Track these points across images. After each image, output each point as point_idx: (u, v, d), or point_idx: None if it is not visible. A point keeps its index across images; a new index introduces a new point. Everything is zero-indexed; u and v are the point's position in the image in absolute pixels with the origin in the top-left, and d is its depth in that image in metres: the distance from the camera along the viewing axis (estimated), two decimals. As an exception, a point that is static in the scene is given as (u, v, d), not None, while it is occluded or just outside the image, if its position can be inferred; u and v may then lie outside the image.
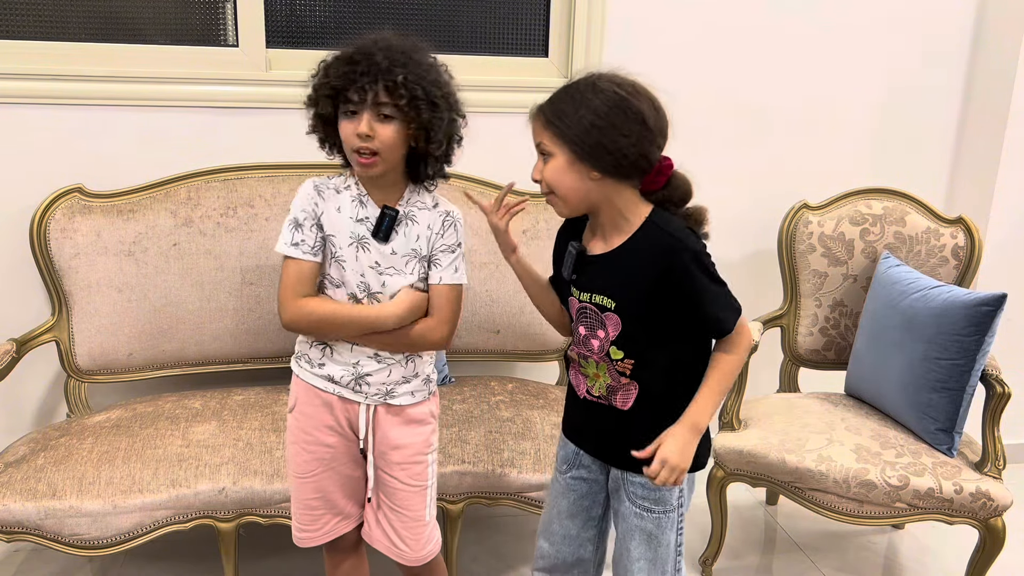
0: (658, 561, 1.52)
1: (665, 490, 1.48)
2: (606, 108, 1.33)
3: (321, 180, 1.57)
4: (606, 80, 1.36)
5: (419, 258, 1.55)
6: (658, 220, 1.41)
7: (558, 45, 2.52)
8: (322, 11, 2.41)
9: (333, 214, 1.53)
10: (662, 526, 1.51)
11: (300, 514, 1.67)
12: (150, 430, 2.00)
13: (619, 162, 1.35)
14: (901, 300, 2.15)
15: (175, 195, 2.21)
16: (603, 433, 1.53)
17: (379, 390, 1.58)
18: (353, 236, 1.53)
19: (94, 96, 2.23)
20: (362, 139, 1.43)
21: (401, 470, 1.62)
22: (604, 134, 1.33)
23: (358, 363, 1.57)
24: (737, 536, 2.46)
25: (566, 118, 1.35)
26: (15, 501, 1.79)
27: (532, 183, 1.46)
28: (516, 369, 2.60)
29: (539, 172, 1.41)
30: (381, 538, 1.67)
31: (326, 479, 1.63)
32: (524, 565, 2.30)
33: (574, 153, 1.35)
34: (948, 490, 1.95)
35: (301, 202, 1.54)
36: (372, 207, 1.53)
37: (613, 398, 1.48)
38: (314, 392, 1.60)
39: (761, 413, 2.24)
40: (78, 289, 2.14)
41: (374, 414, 1.60)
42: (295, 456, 1.63)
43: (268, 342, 2.28)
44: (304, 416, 1.61)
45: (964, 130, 2.73)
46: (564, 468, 1.62)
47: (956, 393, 2.01)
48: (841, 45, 2.60)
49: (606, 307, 1.43)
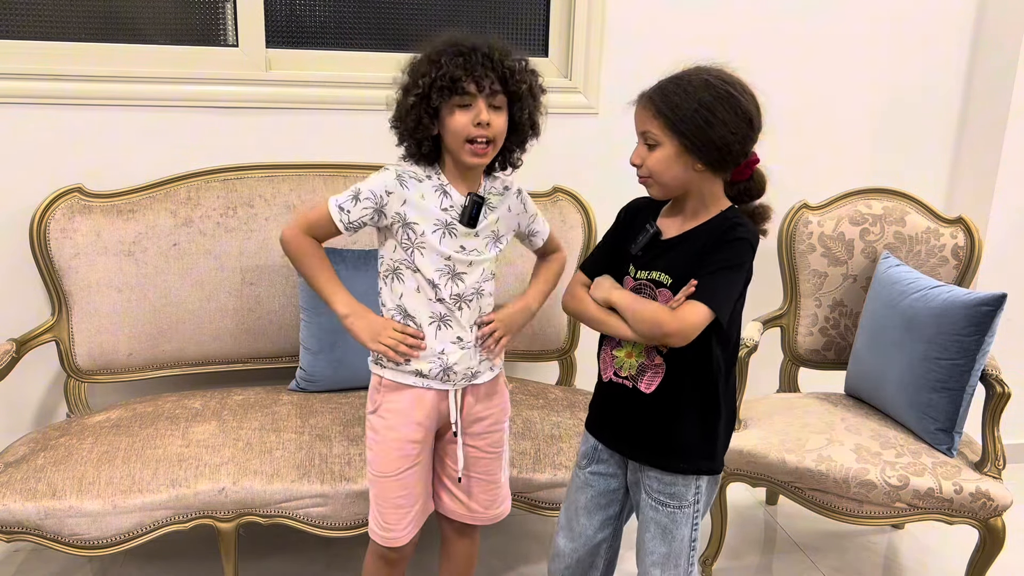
0: (672, 555, 1.53)
1: (681, 485, 1.50)
2: (719, 106, 1.38)
3: (403, 168, 1.57)
4: (715, 76, 1.41)
5: (496, 238, 1.63)
6: (731, 214, 1.46)
7: (558, 45, 2.52)
8: (322, 11, 2.41)
9: (418, 201, 1.55)
10: (676, 521, 1.52)
11: (387, 514, 1.66)
12: (150, 430, 2.00)
13: (724, 157, 1.41)
14: (901, 300, 2.15)
15: (175, 195, 2.21)
16: (622, 420, 1.54)
17: (465, 374, 1.63)
18: (439, 223, 1.55)
19: (94, 96, 2.23)
20: (483, 127, 1.48)
21: (482, 439, 1.69)
22: (715, 130, 1.38)
23: (443, 352, 1.59)
24: (737, 536, 2.46)
25: (679, 111, 1.38)
26: (15, 501, 1.79)
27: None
28: (516, 369, 2.60)
29: (640, 158, 1.45)
30: (453, 505, 1.73)
31: (412, 474, 1.64)
32: (524, 565, 2.30)
33: (683, 145, 1.40)
34: (948, 490, 1.95)
35: (376, 184, 1.55)
36: (456, 195, 1.57)
37: (640, 379, 1.49)
38: (403, 390, 1.61)
39: (761, 413, 2.24)
40: (78, 289, 2.14)
41: (461, 396, 1.64)
42: (382, 456, 1.63)
43: (268, 342, 2.28)
44: (392, 414, 1.62)
45: (964, 130, 2.73)
46: (584, 463, 1.65)
47: (956, 393, 2.01)
48: (841, 45, 2.60)
49: (662, 283, 1.47)
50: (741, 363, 2.19)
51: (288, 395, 2.19)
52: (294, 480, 1.89)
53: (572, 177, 2.45)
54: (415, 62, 1.52)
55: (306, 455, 1.93)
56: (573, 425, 2.11)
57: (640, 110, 1.44)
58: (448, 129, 1.50)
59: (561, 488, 2.00)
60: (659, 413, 1.49)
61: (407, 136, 1.54)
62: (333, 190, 2.27)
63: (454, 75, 1.46)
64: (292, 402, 2.14)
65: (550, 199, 2.41)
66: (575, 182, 2.43)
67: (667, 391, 1.48)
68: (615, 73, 2.48)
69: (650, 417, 1.50)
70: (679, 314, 1.40)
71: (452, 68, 1.46)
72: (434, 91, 1.47)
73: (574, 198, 2.41)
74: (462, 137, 1.49)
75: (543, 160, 2.49)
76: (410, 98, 1.49)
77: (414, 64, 1.52)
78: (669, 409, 1.48)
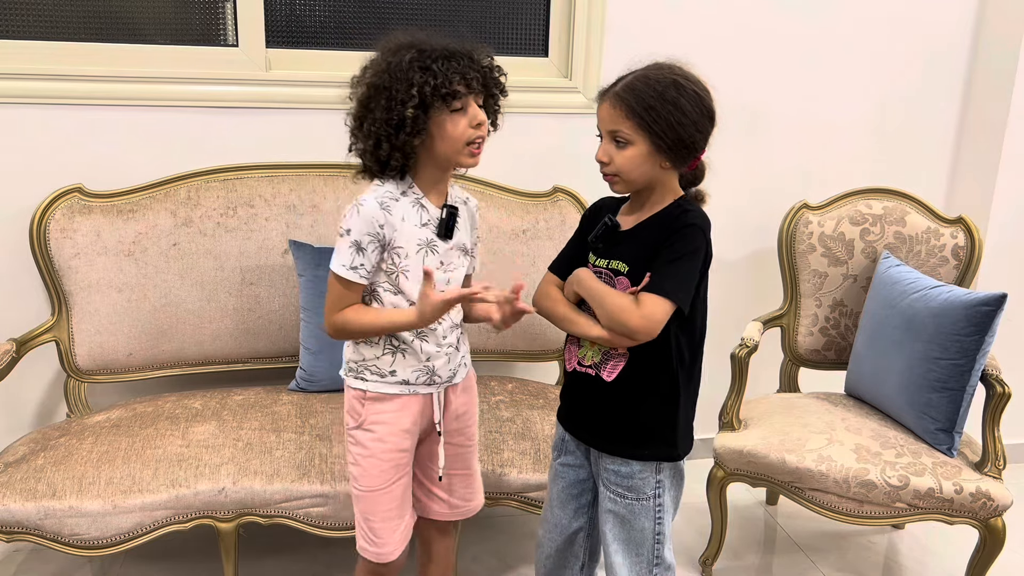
0: (631, 543, 1.56)
1: (638, 478, 1.53)
2: (689, 106, 1.41)
3: (379, 194, 1.50)
4: (681, 75, 1.44)
5: (463, 250, 1.60)
6: (684, 203, 1.50)
7: (558, 45, 2.51)
8: (322, 11, 2.41)
9: (400, 225, 1.50)
10: (635, 512, 1.54)
11: (380, 528, 1.62)
12: (150, 430, 2.00)
13: (689, 154, 1.46)
14: (901, 300, 2.15)
15: (175, 195, 2.21)
16: (584, 409, 1.57)
17: (449, 376, 1.62)
18: (421, 242, 1.52)
19: (94, 96, 2.23)
20: (480, 128, 1.47)
21: (461, 435, 1.70)
22: (685, 130, 1.41)
23: (429, 359, 1.58)
24: (737, 536, 2.46)
25: (653, 112, 1.40)
26: (15, 501, 1.79)
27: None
28: (516, 369, 2.60)
29: (607, 155, 1.46)
30: (436, 505, 1.73)
31: (402, 484, 1.63)
32: (524, 565, 2.30)
33: (655, 145, 1.42)
34: (948, 490, 1.95)
35: (366, 224, 1.47)
36: (432, 208, 1.54)
37: (603, 367, 1.51)
38: (389, 400, 1.58)
39: (761, 413, 2.24)
40: (78, 289, 2.14)
41: (444, 396, 1.64)
42: (372, 469, 1.59)
43: (268, 342, 2.28)
44: (380, 426, 1.58)
45: (964, 130, 2.73)
46: (555, 454, 1.68)
47: (956, 393, 2.01)
48: (841, 45, 2.60)
49: (620, 271, 1.49)
50: (741, 363, 2.19)
51: (288, 395, 2.19)
52: (294, 480, 1.89)
53: (572, 177, 2.45)
54: (391, 69, 1.44)
55: (306, 455, 1.93)
56: (573, 425, 2.11)
57: (608, 108, 1.45)
58: (446, 136, 1.46)
59: (561, 488, 2.01)
60: (619, 400, 1.51)
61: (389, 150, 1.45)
62: (333, 190, 2.29)
63: (452, 80, 1.43)
64: (292, 402, 2.14)
65: (550, 199, 2.41)
66: (575, 182, 2.43)
67: (628, 379, 1.50)
68: (615, 73, 2.46)
69: (610, 405, 1.52)
70: (642, 310, 1.41)
71: (449, 73, 1.42)
72: (436, 99, 1.43)
73: (574, 198, 2.41)
74: (462, 142, 1.47)
75: (543, 160, 2.51)
76: (408, 109, 1.42)
77: (392, 72, 1.43)
78: (629, 396, 1.50)
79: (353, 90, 1.51)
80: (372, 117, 1.46)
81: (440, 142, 1.47)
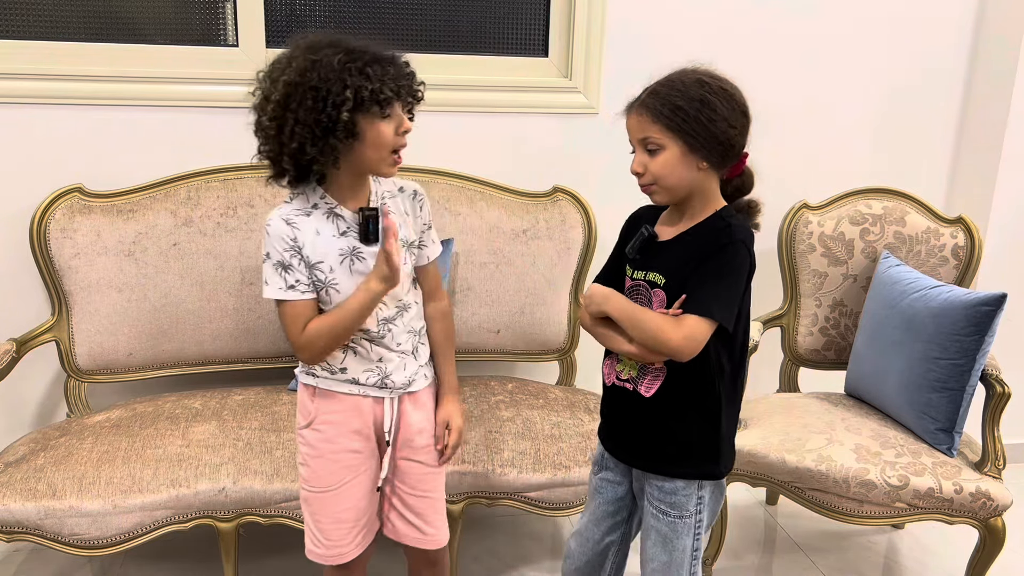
0: (672, 564, 1.53)
1: (682, 495, 1.50)
2: (718, 101, 1.39)
3: (284, 212, 1.47)
4: (706, 74, 1.42)
5: (407, 246, 1.55)
6: (725, 214, 1.46)
7: (558, 45, 2.51)
8: (322, 11, 2.41)
9: (313, 239, 1.47)
10: (677, 530, 1.52)
11: (330, 530, 1.60)
12: (150, 430, 2.00)
13: (726, 152, 1.42)
14: (901, 300, 2.15)
15: (175, 195, 2.21)
16: (624, 426, 1.54)
17: (403, 382, 1.59)
18: (343, 252, 1.49)
19: (94, 96, 2.23)
20: (404, 136, 1.45)
21: (426, 453, 1.65)
22: (717, 126, 1.39)
23: (381, 360, 1.56)
24: (737, 536, 2.46)
25: (680, 111, 1.38)
26: (15, 501, 1.79)
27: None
28: (516, 369, 2.60)
29: (641, 166, 1.43)
30: (408, 531, 1.67)
31: (356, 487, 1.60)
32: (524, 565, 2.30)
33: (687, 145, 1.39)
34: (948, 490, 1.95)
35: (277, 242, 1.46)
36: (348, 214, 1.49)
37: (640, 382, 1.48)
38: (338, 399, 1.57)
39: (761, 413, 2.24)
40: (78, 289, 2.14)
41: (399, 405, 1.60)
42: (320, 470, 1.58)
43: (268, 342, 2.28)
44: (327, 426, 1.57)
45: (964, 130, 2.73)
46: (595, 468, 1.66)
47: (956, 393, 2.01)
48: (841, 45, 2.60)
49: (656, 283, 1.46)
50: (741, 363, 2.19)
51: (288, 395, 2.19)
52: (294, 480, 1.89)
53: (572, 177, 2.45)
54: (317, 68, 1.36)
55: (306, 455, 1.93)
56: (573, 425, 2.11)
57: (635, 118, 1.43)
58: (370, 142, 1.41)
59: (561, 488, 2.01)
60: (659, 417, 1.48)
61: (314, 154, 1.39)
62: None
63: (386, 85, 1.38)
64: (292, 402, 2.14)
65: (550, 199, 2.41)
66: (575, 182, 2.43)
67: (667, 394, 1.47)
68: (615, 73, 2.48)
69: (650, 421, 1.49)
70: (684, 330, 1.38)
71: (385, 79, 1.38)
72: (372, 103, 1.38)
73: (574, 198, 2.40)
74: (388, 149, 1.43)
75: (543, 160, 2.51)
76: (343, 112, 1.36)
77: (320, 71, 1.36)
78: (669, 412, 1.47)
79: (261, 87, 1.43)
80: (295, 118, 1.38)
81: (367, 148, 1.42)
